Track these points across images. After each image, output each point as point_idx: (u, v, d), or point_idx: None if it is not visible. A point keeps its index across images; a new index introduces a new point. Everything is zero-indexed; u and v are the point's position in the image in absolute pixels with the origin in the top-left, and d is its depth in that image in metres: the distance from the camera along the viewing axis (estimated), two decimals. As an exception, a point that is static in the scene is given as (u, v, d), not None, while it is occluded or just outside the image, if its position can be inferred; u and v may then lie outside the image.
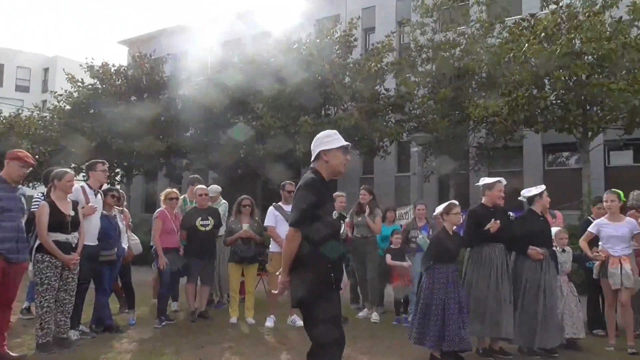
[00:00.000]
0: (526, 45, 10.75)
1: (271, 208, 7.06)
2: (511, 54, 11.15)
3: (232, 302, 7.19)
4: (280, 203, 7.09)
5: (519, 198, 6.05)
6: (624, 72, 10.64)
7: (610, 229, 5.82)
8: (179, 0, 64.65)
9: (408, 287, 7.42)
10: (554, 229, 6.05)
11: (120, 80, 18.39)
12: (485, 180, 5.73)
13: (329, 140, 3.40)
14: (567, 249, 6.06)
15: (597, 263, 5.95)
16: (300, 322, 6.79)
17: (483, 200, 5.69)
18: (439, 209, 5.64)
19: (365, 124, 14.15)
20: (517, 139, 14.49)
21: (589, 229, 6.05)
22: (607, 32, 10.54)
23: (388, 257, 7.41)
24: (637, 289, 5.79)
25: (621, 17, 10.64)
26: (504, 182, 5.66)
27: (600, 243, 5.91)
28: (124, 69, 18.58)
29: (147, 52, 19.18)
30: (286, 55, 14.13)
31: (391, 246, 7.49)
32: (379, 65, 14.12)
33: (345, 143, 3.43)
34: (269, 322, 6.84)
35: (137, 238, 7.50)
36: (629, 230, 5.75)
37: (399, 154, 18.49)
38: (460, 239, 5.63)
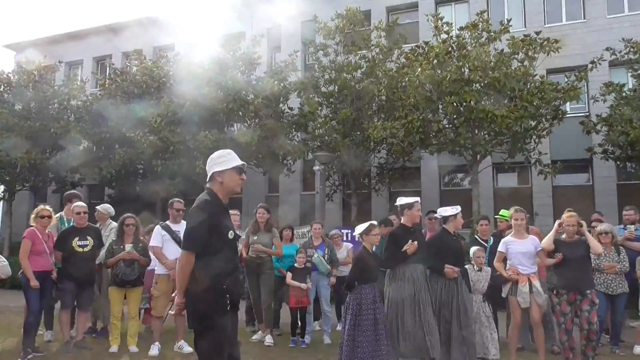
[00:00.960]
0: (419, 70, 11.28)
1: (157, 227, 6.67)
2: (406, 78, 11.63)
3: (113, 330, 6.65)
4: (168, 222, 6.73)
5: (435, 216, 6.09)
6: (506, 100, 11.49)
7: (517, 246, 5.88)
8: (75, 6, 60.96)
9: (305, 308, 7.31)
10: (472, 248, 6.15)
11: (2, 86, 16.82)
12: (403, 200, 5.73)
13: (222, 160, 3.37)
14: (485, 268, 6.10)
15: (508, 283, 6.00)
16: (187, 349, 6.47)
17: (403, 220, 5.74)
18: (359, 229, 5.60)
19: (269, 142, 14.07)
20: (415, 160, 15.12)
21: (499, 248, 6.03)
22: (492, 63, 11.35)
23: (288, 275, 7.23)
24: (544, 307, 5.91)
25: (502, 50, 11.52)
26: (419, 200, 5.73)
27: (508, 261, 5.99)
28: (7, 75, 17.01)
29: (38, 59, 17.77)
30: (187, 69, 13.73)
31: (295, 265, 7.33)
32: (282, 84, 14.12)
33: (240, 163, 3.40)
34: (154, 350, 6.40)
35: (4, 260, 6.74)
36: (534, 247, 5.85)
37: (305, 172, 18.56)
38: (378, 259, 5.62)
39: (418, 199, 5.73)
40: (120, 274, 6.39)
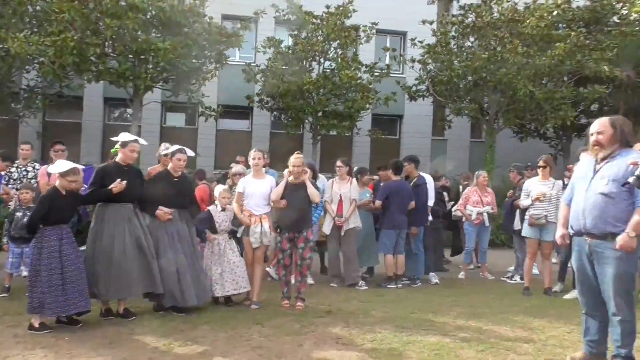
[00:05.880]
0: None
1: None
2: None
3: None
4: None
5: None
6: (173, 35, 11.07)
7: (254, 186, 5.93)
8: None
9: None
10: (219, 188, 6.15)
11: None
12: (123, 137, 5.40)
13: None
14: (229, 207, 6.03)
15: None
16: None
17: (117, 158, 5.41)
18: (59, 168, 5.02)
19: None
20: (76, 88, 13.41)
21: (237, 189, 6.11)
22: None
23: None
24: (273, 246, 6.15)
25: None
26: (143, 142, 5.57)
27: (245, 201, 5.96)
28: None
29: None
30: None
31: None
32: None
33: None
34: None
35: None
36: (270, 187, 5.96)
37: None
38: (77, 199, 5.13)
39: (138, 138, 5.54)
40: None
